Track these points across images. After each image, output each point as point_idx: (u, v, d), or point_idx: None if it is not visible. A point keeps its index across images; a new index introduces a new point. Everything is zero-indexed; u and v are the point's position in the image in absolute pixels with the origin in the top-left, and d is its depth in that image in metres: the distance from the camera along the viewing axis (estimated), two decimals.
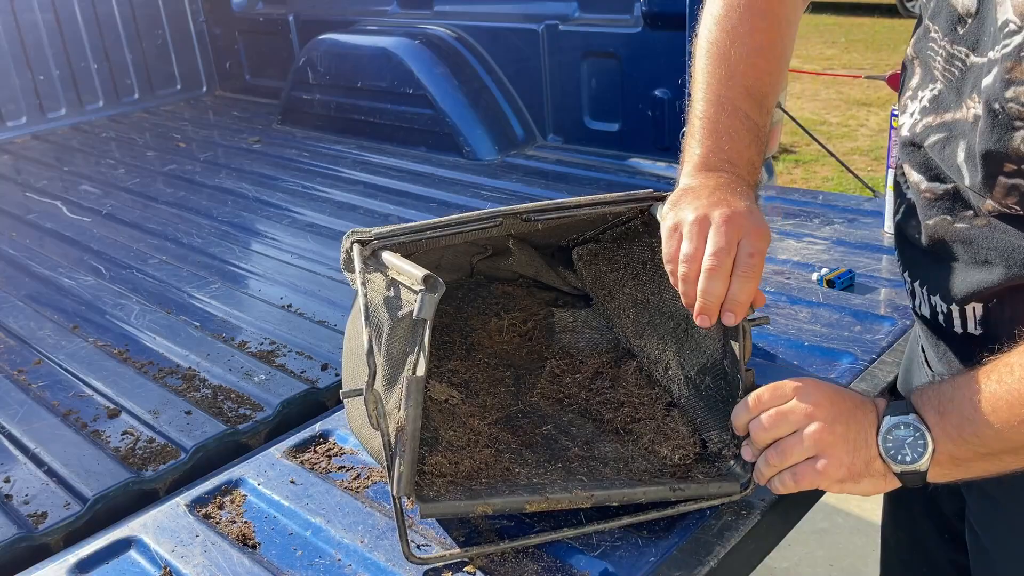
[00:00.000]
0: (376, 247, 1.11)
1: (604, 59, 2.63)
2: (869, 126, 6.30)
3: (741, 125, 1.07)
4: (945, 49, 0.92)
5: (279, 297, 1.94)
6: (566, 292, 1.46)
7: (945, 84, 0.92)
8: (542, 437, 1.18)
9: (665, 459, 1.11)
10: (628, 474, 1.09)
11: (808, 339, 1.44)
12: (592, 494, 1.02)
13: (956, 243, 0.93)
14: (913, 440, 0.88)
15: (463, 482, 1.04)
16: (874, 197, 2.11)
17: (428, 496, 1.00)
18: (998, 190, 0.84)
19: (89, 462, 1.35)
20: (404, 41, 3.02)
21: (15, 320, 1.91)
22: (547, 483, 1.05)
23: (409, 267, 1.01)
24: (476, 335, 1.39)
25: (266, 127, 3.50)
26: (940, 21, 0.93)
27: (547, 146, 2.88)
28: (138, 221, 2.54)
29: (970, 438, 0.85)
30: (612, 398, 1.24)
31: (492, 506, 0.99)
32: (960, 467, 0.87)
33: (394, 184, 2.70)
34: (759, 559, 1.10)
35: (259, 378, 1.58)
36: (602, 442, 1.17)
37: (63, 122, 3.76)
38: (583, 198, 1.21)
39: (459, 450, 1.10)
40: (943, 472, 0.88)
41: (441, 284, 0.97)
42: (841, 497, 2.78)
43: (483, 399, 1.25)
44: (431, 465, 1.05)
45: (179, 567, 1.05)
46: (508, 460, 1.10)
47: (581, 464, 1.11)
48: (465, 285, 1.48)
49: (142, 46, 3.96)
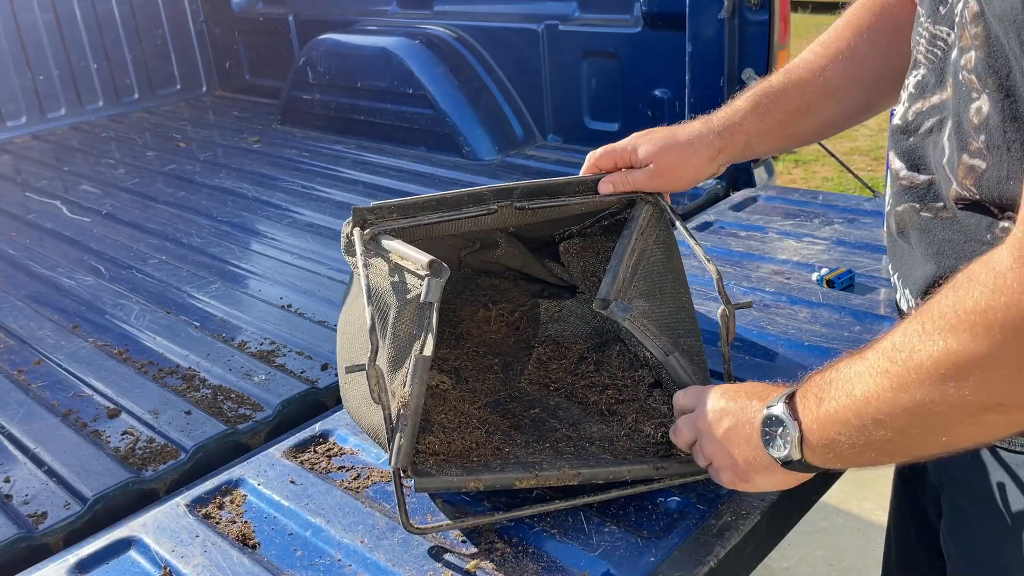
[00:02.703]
0: (376, 232, 1.14)
1: (604, 59, 2.64)
2: (869, 126, 6.29)
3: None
4: (928, 31, 0.93)
5: (279, 297, 1.94)
6: (552, 284, 1.49)
7: (927, 67, 0.93)
8: (530, 420, 1.22)
9: (649, 437, 1.16)
10: (613, 453, 1.13)
11: (808, 339, 1.44)
12: (579, 471, 1.06)
13: (916, 232, 0.94)
14: (782, 431, 0.89)
15: (455, 460, 1.09)
16: (874, 197, 2.11)
17: (423, 471, 1.04)
18: (960, 169, 0.85)
19: (89, 462, 1.35)
20: (404, 41, 3.02)
21: (15, 320, 1.91)
22: (536, 461, 1.09)
23: (413, 252, 1.05)
24: (465, 325, 1.44)
25: (266, 127, 3.50)
26: (925, 3, 0.94)
27: (547, 146, 2.88)
28: (138, 221, 2.54)
29: (836, 426, 0.84)
30: (597, 381, 1.28)
31: (483, 482, 1.03)
32: (837, 455, 0.87)
33: (394, 184, 2.70)
34: (759, 559, 1.10)
35: (259, 378, 1.58)
36: (588, 423, 1.21)
37: (63, 122, 3.76)
38: (572, 178, 1.27)
39: (451, 431, 1.15)
40: (822, 459, 0.88)
41: (445, 268, 1.01)
42: (841, 497, 2.78)
43: (472, 385, 1.30)
44: (425, 444, 1.09)
45: (179, 567, 1.05)
46: (499, 440, 1.15)
47: (568, 444, 1.15)
48: (453, 278, 1.50)
49: (142, 46, 3.96)
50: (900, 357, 0.76)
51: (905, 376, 0.75)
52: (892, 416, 0.78)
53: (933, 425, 0.77)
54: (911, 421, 0.77)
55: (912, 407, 0.76)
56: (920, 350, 0.74)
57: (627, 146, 1.27)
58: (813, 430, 0.87)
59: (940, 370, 0.72)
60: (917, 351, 0.74)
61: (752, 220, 2.00)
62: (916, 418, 0.77)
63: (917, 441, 0.80)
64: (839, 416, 0.83)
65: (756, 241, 1.88)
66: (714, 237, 1.92)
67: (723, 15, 2.20)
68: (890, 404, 0.77)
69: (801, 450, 0.88)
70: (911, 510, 1.25)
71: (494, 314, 1.45)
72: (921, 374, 0.74)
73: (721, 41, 2.23)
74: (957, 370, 0.71)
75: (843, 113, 1.24)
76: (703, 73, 2.31)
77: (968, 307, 0.70)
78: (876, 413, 0.79)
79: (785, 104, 1.22)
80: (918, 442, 0.80)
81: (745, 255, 1.81)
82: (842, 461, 0.88)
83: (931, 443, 0.79)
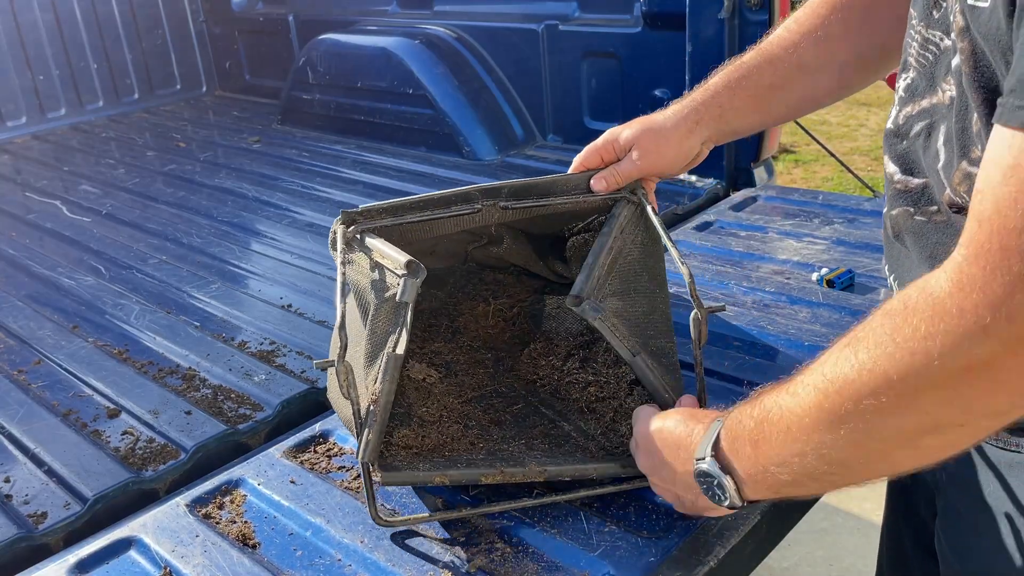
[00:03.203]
0: (360, 229, 1.16)
1: (604, 59, 2.63)
2: (869, 126, 6.30)
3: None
4: (920, 34, 0.93)
5: (279, 297, 1.94)
6: (553, 281, 1.50)
7: (918, 71, 0.93)
8: (511, 416, 1.24)
9: (623, 436, 1.16)
10: (584, 451, 1.15)
11: (808, 339, 1.44)
12: (545, 469, 1.08)
13: (910, 235, 0.94)
14: (716, 484, 0.89)
15: (427, 455, 1.11)
16: (874, 197, 2.11)
17: (390, 465, 1.06)
18: (957, 175, 0.84)
19: (89, 462, 1.35)
20: (404, 41, 3.02)
21: (15, 320, 1.91)
22: (504, 457, 1.11)
23: (392, 252, 1.06)
24: (463, 319, 1.45)
25: (266, 127, 3.50)
26: (917, 6, 0.94)
27: (547, 146, 2.88)
28: (138, 221, 2.54)
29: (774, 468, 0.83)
30: (581, 378, 1.29)
31: (449, 477, 1.05)
32: (779, 491, 0.86)
33: (394, 184, 2.70)
34: (759, 559, 1.10)
35: (259, 378, 1.58)
36: (567, 420, 1.23)
37: (63, 122, 3.76)
38: (559, 176, 1.29)
39: (429, 425, 1.17)
40: (768, 494, 0.88)
41: (422, 269, 1.02)
42: (841, 497, 2.78)
43: (462, 379, 1.32)
44: (399, 438, 1.11)
45: (179, 567, 1.05)
46: (474, 435, 1.17)
47: (543, 441, 1.17)
48: (458, 272, 1.52)
49: (142, 46, 3.96)
50: (833, 389, 0.75)
51: (840, 407, 0.74)
52: (833, 449, 0.77)
53: (873, 454, 0.76)
54: (852, 453, 0.77)
55: (851, 438, 0.75)
56: (855, 380, 0.73)
57: (608, 138, 1.30)
58: (750, 474, 0.86)
59: (880, 399, 0.71)
60: (851, 381, 0.73)
61: (752, 220, 2.00)
62: (856, 448, 0.76)
63: (860, 470, 0.79)
64: (776, 457, 0.82)
65: (756, 241, 1.88)
66: (714, 237, 1.92)
67: (723, 15, 2.20)
68: (828, 439, 0.76)
69: (741, 496, 0.88)
70: (904, 511, 1.25)
71: (492, 309, 1.47)
72: (859, 404, 0.73)
73: (721, 41, 2.23)
74: (897, 398, 0.70)
75: (818, 91, 1.25)
76: (703, 73, 2.27)
77: (907, 335, 0.69)
78: (817, 448, 0.78)
79: (758, 79, 1.24)
80: (861, 471, 0.79)
81: (745, 255, 1.81)
82: (788, 492, 0.87)
83: (873, 470, 0.79)
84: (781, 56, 1.23)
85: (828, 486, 0.84)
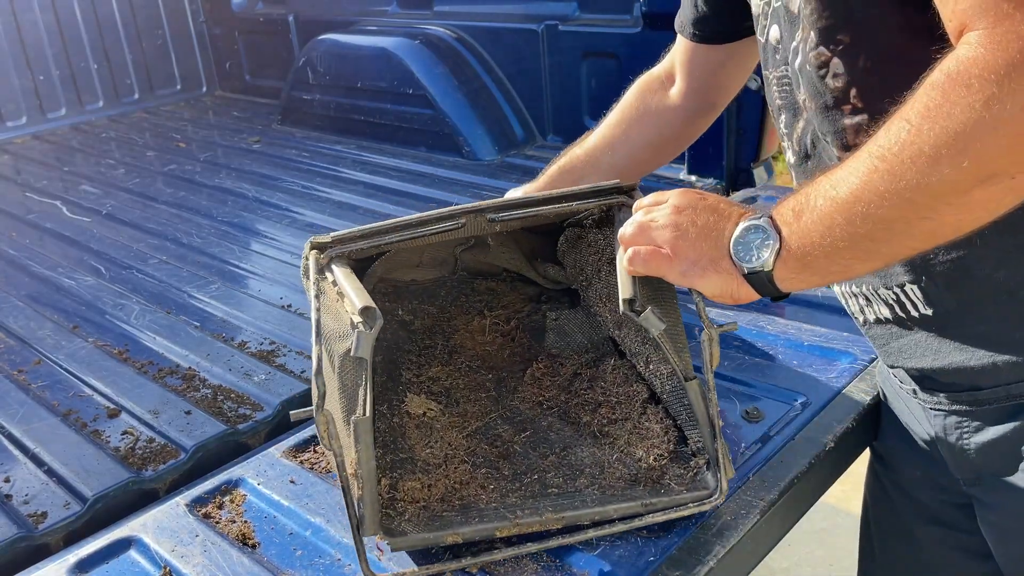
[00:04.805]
0: (333, 255, 1.08)
1: (604, 59, 2.63)
2: None
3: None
4: (775, 76, 1.04)
5: (279, 297, 1.94)
6: (548, 288, 1.47)
7: (784, 105, 1.05)
8: (520, 445, 1.17)
9: (640, 461, 1.10)
10: (602, 483, 1.08)
11: (808, 339, 1.44)
12: (563, 515, 1.02)
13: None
14: (761, 242, 0.91)
15: (436, 506, 1.04)
16: None
17: (397, 530, 1.00)
18: (848, 134, 0.90)
19: (89, 462, 1.35)
20: (404, 41, 3.02)
21: (15, 320, 1.91)
22: (519, 503, 1.05)
23: (351, 291, 0.98)
24: (459, 336, 1.39)
25: (266, 127, 3.50)
26: (766, 60, 1.07)
27: (547, 146, 2.88)
28: (138, 221, 2.54)
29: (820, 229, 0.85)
30: (590, 399, 1.24)
31: (462, 535, 0.99)
32: (808, 268, 0.88)
33: (394, 184, 2.70)
34: (759, 559, 1.10)
35: (259, 378, 1.58)
36: (579, 447, 1.16)
37: (63, 122, 3.76)
38: (549, 192, 1.25)
39: (435, 469, 1.09)
40: (790, 274, 0.90)
41: (379, 316, 0.94)
42: (841, 497, 2.77)
43: (463, 407, 1.24)
44: (404, 492, 1.05)
45: (179, 567, 1.05)
46: (483, 477, 1.10)
47: (556, 474, 1.11)
48: (448, 283, 1.48)
49: (142, 46, 3.96)
50: (891, 153, 0.77)
51: (899, 165, 0.77)
52: (882, 207, 0.79)
53: (922, 210, 0.77)
54: (901, 209, 0.78)
55: (905, 192, 0.77)
56: (913, 140, 0.75)
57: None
58: (793, 239, 0.88)
59: (940, 151, 0.73)
60: (910, 142, 0.75)
61: None
62: (906, 204, 0.77)
63: (901, 233, 0.81)
64: (823, 220, 0.84)
65: None
66: None
67: None
68: (881, 195, 0.78)
69: (774, 262, 0.90)
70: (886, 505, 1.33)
71: (488, 323, 1.41)
72: (918, 160, 0.75)
73: None
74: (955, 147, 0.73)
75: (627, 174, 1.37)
76: None
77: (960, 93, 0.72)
78: (865, 207, 0.80)
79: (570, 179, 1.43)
80: (902, 234, 0.81)
81: None
82: (810, 272, 0.89)
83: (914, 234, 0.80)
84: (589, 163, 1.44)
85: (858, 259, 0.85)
